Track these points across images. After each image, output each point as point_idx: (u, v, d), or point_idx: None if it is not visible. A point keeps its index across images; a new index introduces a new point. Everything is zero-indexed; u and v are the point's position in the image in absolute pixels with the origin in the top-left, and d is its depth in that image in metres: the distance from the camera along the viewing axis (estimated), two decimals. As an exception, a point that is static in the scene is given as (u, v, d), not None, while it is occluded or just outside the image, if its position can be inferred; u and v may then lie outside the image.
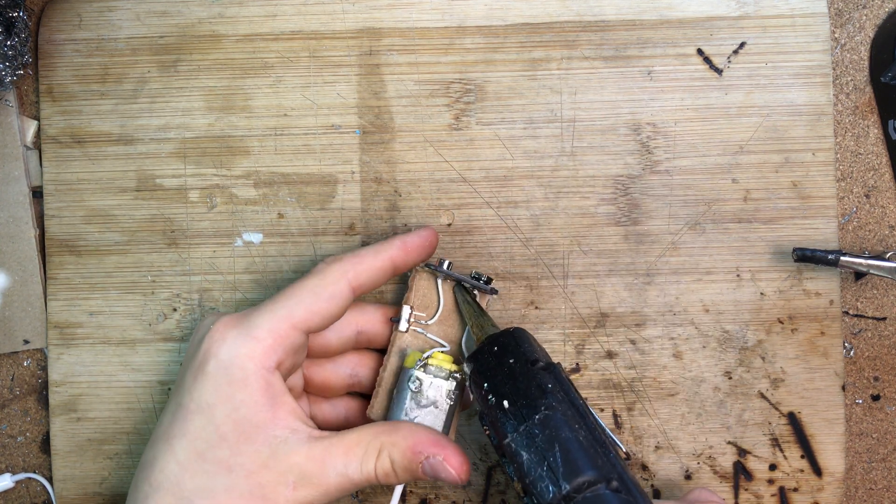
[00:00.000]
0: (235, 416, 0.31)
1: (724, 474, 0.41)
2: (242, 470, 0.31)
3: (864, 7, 0.41)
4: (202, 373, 0.32)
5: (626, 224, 0.41)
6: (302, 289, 0.34)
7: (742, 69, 0.40)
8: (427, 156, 0.41)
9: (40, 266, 0.41)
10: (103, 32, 0.41)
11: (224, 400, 0.31)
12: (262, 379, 0.31)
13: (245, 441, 0.31)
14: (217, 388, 0.31)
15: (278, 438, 0.31)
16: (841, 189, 0.41)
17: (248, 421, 0.31)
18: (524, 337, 0.34)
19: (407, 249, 0.36)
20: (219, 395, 0.31)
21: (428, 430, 0.33)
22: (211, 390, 0.31)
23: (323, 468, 0.31)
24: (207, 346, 0.32)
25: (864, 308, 0.41)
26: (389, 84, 0.41)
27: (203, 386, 0.31)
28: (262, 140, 0.41)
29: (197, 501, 0.31)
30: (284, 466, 0.31)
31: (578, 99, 0.41)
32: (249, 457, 0.31)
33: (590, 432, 0.30)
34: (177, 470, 0.31)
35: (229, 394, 0.31)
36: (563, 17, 0.40)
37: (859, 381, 0.42)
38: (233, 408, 0.31)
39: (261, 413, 0.31)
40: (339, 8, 0.41)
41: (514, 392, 0.31)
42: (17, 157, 0.41)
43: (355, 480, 0.32)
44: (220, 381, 0.31)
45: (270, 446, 0.31)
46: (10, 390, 0.42)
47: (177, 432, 0.31)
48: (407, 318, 0.38)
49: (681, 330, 0.41)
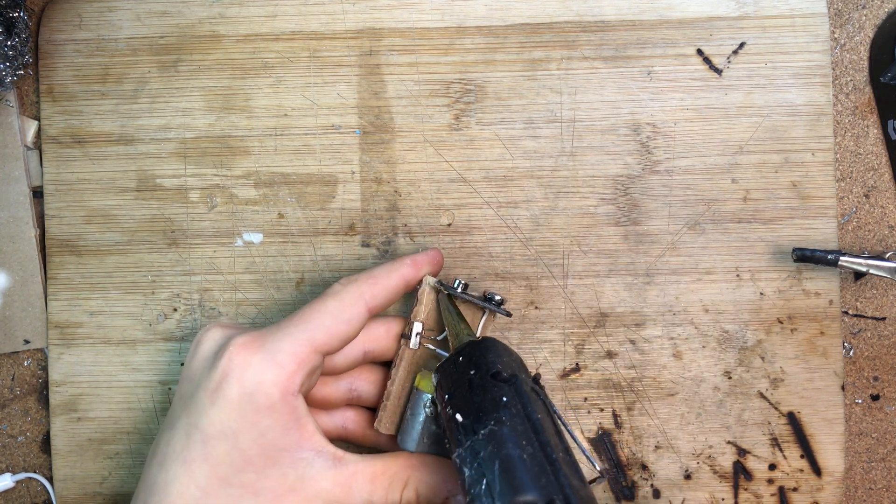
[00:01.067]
0: (262, 441, 0.31)
1: (723, 474, 0.41)
2: (269, 493, 0.31)
3: (863, 7, 0.41)
4: (223, 398, 0.31)
5: (626, 224, 0.41)
6: (321, 311, 0.33)
7: (742, 69, 0.40)
8: (427, 156, 0.41)
9: (40, 266, 0.41)
10: (103, 32, 0.41)
11: (249, 426, 0.31)
12: (288, 404, 0.31)
13: (272, 465, 0.31)
14: (242, 415, 0.31)
15: (304, 461, 0.32)
16: (841, 189, 0.41)
17: (274, 445, 0.31)
18: (492, 347, 0.33)
19: (418, 267, 0.37)
20: (244, 422, 0.31)
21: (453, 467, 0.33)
22: (235, 416, 0.31)
23: (349, 494, 0.32)
24: (227, 369, 0.31)
25: (864, 308, 0.41)
26: (389, 84, 0.41)
27: (226, 412, 0.31)
28: (262, 140, 0.41)
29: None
30: (312, 491, 0.31)
31: (578, 99, 0.41)
32: (276, 480, 0.31)
33: (541, 448, 0.28)
34: (198, 495, 0.31)
35: (255, 420, 0.31)
36: (563, 17, 0.40)
37: (859, 380, 0.42)
38: (259, 433, 0.31)
39: (286, 437, 0.31)
40: (339, 8, 0.41)
41: (468, 404, 0.30)
42: (18, 157, 0.41)
43: None
44: (246, 408, 0.31)
45: (297, 469, 0.31)
46: (10, 390, 0.42)
47: (196, 457, 0.31)
48: (418, 333, 0.37)
49: (680, 330, 0.41)
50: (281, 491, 0.31)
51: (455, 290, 0.37)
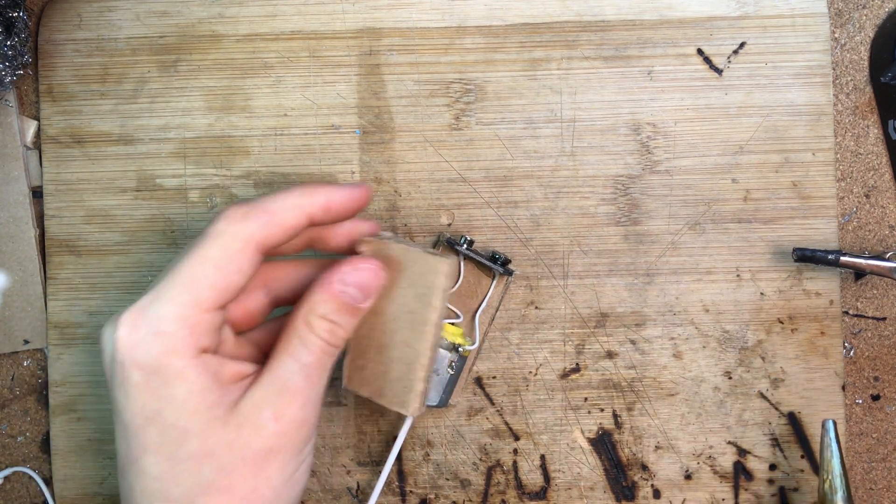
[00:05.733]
0: (187, 407, 0.29)
1: (724, 474, 0.41)
2: (222, 445, 0.29)
3: (864, 7, 0.41)
4: (131, 386, 0.29)
5: (626, 224, 0.41)
6: (203, 262, 0.29)
7: (742, 69, 0.40)
8: (427, 156, 0.41)
9: (40, 266, 0.41)
10: (103, 32, 0.41)
11: (168, 400, 0.29)
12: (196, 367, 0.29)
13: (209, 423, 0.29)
14: (156, 394, 0.29)
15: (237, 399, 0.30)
16: (841, 189, 0.41)
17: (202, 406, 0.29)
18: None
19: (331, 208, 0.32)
20: (161, 399, 0.29)
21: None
22: (150, 398, 0.29)
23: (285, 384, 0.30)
24: (120, 358, 0.29)
25: (864, 308, 0.41)
26: (389, 84, 0.41)
27: (139, 399, 0.29)
28: (262, 140, 0.41)
29: (199, 500, 0.29)
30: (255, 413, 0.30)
31: (578, 99, 0.41)
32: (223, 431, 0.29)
33: None
34: (158, 485, 0.29)
35: (170, 393, 0.29)
36: (563, 17, 0.40)
37: (859, 381, 0.42)
38: (180, 403, 0.29)
39: (211, 394, 0.29)
40: (339, 8, 0.41)
41: None
42: (17, 157, 0.41)
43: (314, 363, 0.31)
44: (155, 386, 0.29)
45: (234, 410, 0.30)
46: (10, 390, 0.42)
47: (138, 452, 0.30)
48: None
49: (681, 330, 0.41)
50: (231, 437, 0.29)
51: (461, 246, 0.38)
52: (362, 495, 0.41)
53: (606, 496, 0.41)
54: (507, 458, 0.41)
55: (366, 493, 0.41)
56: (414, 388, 0.34)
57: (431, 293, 0.33)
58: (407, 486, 0.41)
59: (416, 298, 0.33)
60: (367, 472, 0.41)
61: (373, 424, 0.41)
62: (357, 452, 0.41)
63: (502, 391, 0.41)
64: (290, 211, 0.31)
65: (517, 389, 0.41)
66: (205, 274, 0.29)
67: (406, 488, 0.41)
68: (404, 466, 0.41)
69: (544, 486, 0.41)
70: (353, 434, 0.41)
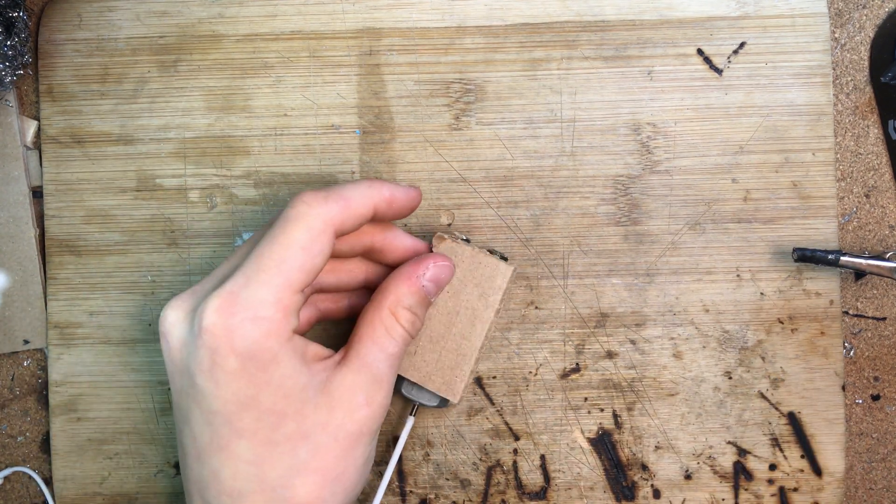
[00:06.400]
0: (283, 391, 0.30)
1: (724, 474, 0.41)
2: (317, 427, 0.30)
3: (864, 7, 0.41)
4: (224, 373, 0.29)
5: (626, 224, 0.41)
6: (291, 244, 0.30)
7: (742, 69, 0.40)
8: (427, 156, 0.41)
9: (40, 266, 0.41)
10: (103, 32, 0.41)
11: (264, 385, 0.29)
12: (290, 349, 0.30)
13: (303, 405, 0.30)
14: (252, 379, 0.29)
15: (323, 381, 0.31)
16: (841, 189, 0.41)
17: (296, 389, 0.30)
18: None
19: (393, 203, 0.34)
20: (257, 384, 0.29)
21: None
22: (245, 384, 0.29)
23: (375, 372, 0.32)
24: (212, 345, 0.29)
25: (864, 308, 0.41)
26: (389, 84, 0.41)
27: (233, 384, 0.29)
28: (262, 140, 0.41)
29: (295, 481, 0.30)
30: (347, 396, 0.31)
31: (578, 99, 0.41)
32: (315, 413, 0.30)
33: None
34: (253, 469, 0.30)
35: (266, 378, 0.29)
36: (563, 17, 0.40)
37: (859, 381, 0.42)
38: (277, 387, 0.30)
39: (302, 375, 0.30)
40: (339, 8, 0.41)
41: None
42: (17, 157, 0.41)
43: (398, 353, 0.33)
44: (252, 371, 0.29)
45: (324, 392, 0.31)
46: (10, 390, 0.42)
47: (229, 438, 0.30)
48: None
49: (681, 330, 0.41)
50: (325, 418, 0.31)
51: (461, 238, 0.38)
52: (362, 495, 0.41)
53: (606, 496, 0.41)
54: (507, 458, 0.41)
55: (365, 493, 0.41)
56: (463, 377, 0.37)
57: (493, 293, 0.37)
58: (407, 486, 0.41)
59: (478, 297, 0.37)
60: (367, 472, 0.41)
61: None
62: (357, 452, 0.41)
63: (502, 391, 0.41)
64: (362, 198, 0.32)
65: (517, 389, 0.41)
66: (294, 256, 0.30)
67: (406, 488, 0.41)
68: (404, 466, 0.41)
69: (544, 486, 0.41)
70: (353, 434, 0.41)
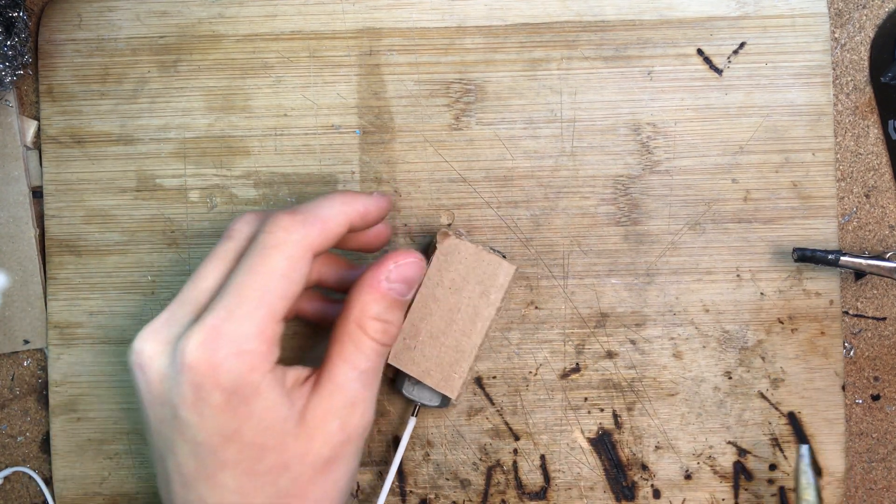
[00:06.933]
0: (265, 424, 0.30)
1: (724, 474, 0.41)
2: (296, 458, 0.30)
3: (864, 7, 0.41)
4: (208, 407, 0.29)
5: (626, 224, 0.41)
6: (271, 274, 0.30)
7: (742, 69, 0.40)
8: (427, 156, 0.41)
9: (40, 266, 0.41)
10: (103, 32, 0.41)
11: (247, 418, 0.29)
12: (272, 381, 0.30)
13: (283, 437, 0.30)
14: (236, 413, 0.29)
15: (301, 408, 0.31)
16: (841, 189, 0.41)
17: (278, 420, 0.30)
18: None
19: (366, 216, 0.33)
20: (240, 417, 0.29)
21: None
22: (229, 417, 0.29)
23: (347, 394, 0.31)
24: (196, 381, 0.29)
25: (864, 308, 0.41)
26: (389, 84, 0.41)
27: (218, 418, 0.29)
28: (262, 140, 0.41)
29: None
30: (322, 425, 0.31)
31: (578, 99, 0.41)
32: (295, 444, 0.30)
33: None
34: (237, 498, 0.30)
35: (249, 411, 0.29)
36: (563, 17, 0.40)
37: (859, 381, 0.42)
38: (258, 420, 0.30)
39: (282, 407, 0.30)
40: (339, 8, 0.41)
41: None
42: (17, 157, 0.41)
43: (371, 368, 0.32)
44: (236, 405, 0.29)
45: (302, 422, 0.31)
46: (10, 390, 0.42)
47: (214, 469, 0.30)
48: None
49: (681, 330, 0.41)
50: (305, 448, 0.30)
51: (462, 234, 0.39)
52: (362, 495, 0.41)
53: (606, 496, 0.41)
54: (507, 458, 0.41)
55: (366, 493, 0.41)
56: (462, 374, 0.37)
57: (495, 291, 0.37)
58: (407, 486, 0.41)
59: (480, 294, 0.37)
60: (367, 472, 0.41)
61: (373, 424, 0.41)
62: (357, 452, 0.41)
63: (502, 391, 0.41)
64: (338, 217, 0.32)
65: (517, 389, 0.41)
66: (276, 286, 0.30)
67: (406, 488, 0.41)
68: (404, 466, 0.41)
69: (544, 486, 0.41)
70: (353, 434, 0.41)
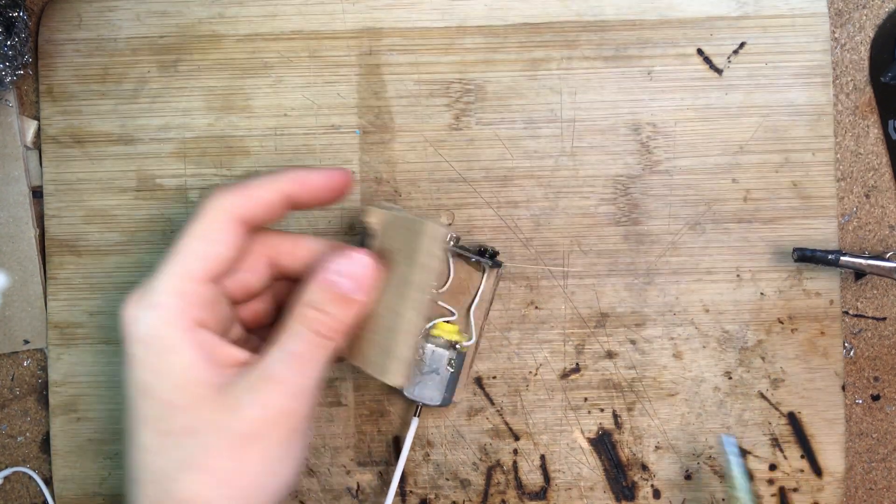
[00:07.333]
0: (178, 382, 0.30)
1: (724, 474, 0.41)
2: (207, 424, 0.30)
3: (864, 7, 0.41)
4: (130, 358, 0.30)
5: (626, 224, 0.41)
6: (188, 237, 0.31)
7: (742, 69, 0.40)
8: (427, 156, 0.41)
9: (40, 266, 0.41)
10: (103, 32, 0.41)
11: (160, 373, 0.30)
12: (191, 341, 0.30)
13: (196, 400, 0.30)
14: (149, 366, 0.30)
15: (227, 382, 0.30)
16: (841, 189, 0.41)
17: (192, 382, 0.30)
18: None
19: (305, 187, 0.33)
20: (153, 371, 0.30)
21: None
22: (146, 371, 0.30)
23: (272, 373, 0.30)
24: (125, 333, 0.30)
25: (864, 308, 0.41)
26: (389, 84, 0.41)
27: (136, 370, 0.30)
28: (262, 140, 0.41)
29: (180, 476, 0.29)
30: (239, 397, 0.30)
31: (578, 99, 0.41)
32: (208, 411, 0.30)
33: None
34: (147, 457, 0.30)
35: (161, 367, 0.30)
36: (563, 17, 0.40)
37: (859, 381, 0.42)
38: (170, 376, 0.30)
39: (200, 370, 0.30)
40: (339, 8, 0.41)
41: None
42: (17, 157, 0.41)
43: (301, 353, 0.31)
44: (150, 358, 0.30)
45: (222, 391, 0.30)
46: (10, 390, 0.42)
47: (134, 425, 0.30)
48: None
49: (681, 330, 0.41)
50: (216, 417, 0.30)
51: (448, 243, 0.38)
52: (362, 495, 0.41)
53: (606, 496, 0.41)
54: (507, 458, 0.41)
55: (366, 494, 0.41)
56: (394, 354, 0.32)
57: (415, 254, 0.32)
58: (407, 486, 0.41)
59: (405, 263, 0.32)
60: (367, 473, 0.41)
61: (373, 424, 0.41)
62: (357, 452, 0.41)
63: (502, 391, 0.41)
64: (267, 184, 0.32)
65: (517, 389, 0.41)
66: (191, 246, 0.31)
67: (406, 488, 0.41)
68: (404, 466, 0.41)
69: (544, 486, 0.41)
70: (353, 434, 0.41)
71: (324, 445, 0.41)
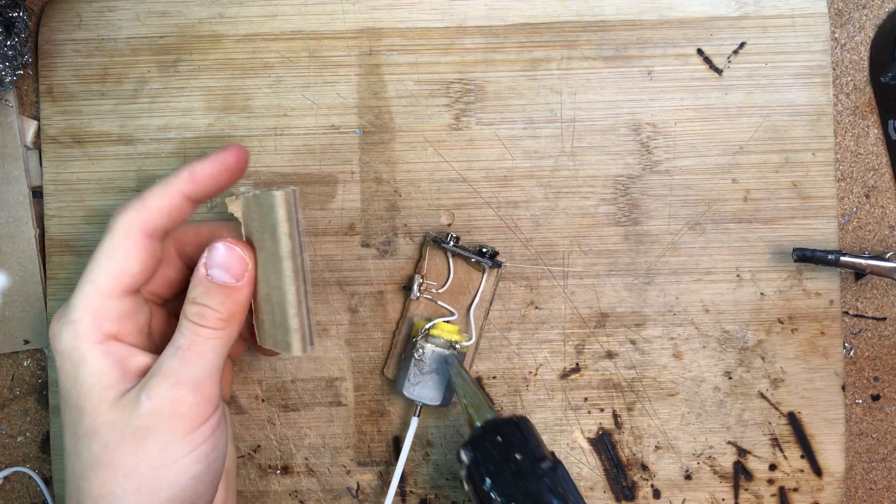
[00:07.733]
0: (86, 388, 0.32)
1: (724, 474, 0.41)
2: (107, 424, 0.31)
3: (864, 7, 0.41)
4: (57, 372, 0.33)
5: (626, 224, 0.41)
6: (98, 255, 0.33)
7: (742, 69, 0.40)
8: (427, 156, 0.41)
9: (40, 266, 0.41)
10: (103, 32, 0.41)
11: (74, 382, 0.32)
12: (98, 351, 0.32)
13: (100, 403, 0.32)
14: (67, 377, 0.32)
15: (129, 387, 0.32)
16: (841, 189, 0.41)
17: (98, 387, 0.32)
18: (530, 429, 0.33)
19: (197, 181, 0.33)
20: (70, 381, 0.32)
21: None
22: (66, 381, 0.32)
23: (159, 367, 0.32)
24: (51, 345, 0.33)
25: (864, 308, 0.41)
26: (389, 84, 0.41)
27: (60, 380, 0.32)
28: (262, 140, 0.41)
29: (90, 473, 0.31)
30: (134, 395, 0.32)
31: (578, 99, 0.41)
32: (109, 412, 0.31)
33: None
34: (67, 460, 0.33)
35: (75, 375, 0.32)
36: (563, 17, 0.40)
37: (859, 381, 0.42)
38: (80, 384, 0.32)
39: (108, 377, 0.32)
40: (339, 8, 0.41)
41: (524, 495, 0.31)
42: (17, 157, 0.41)
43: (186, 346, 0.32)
44: (67, 371, 0.32)
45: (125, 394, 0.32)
46: (10, 390, 0.42)
47: (63, 430, 0.33)
48: (417, 287, 0.39)
49: (681, 330, 0.41)
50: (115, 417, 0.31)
51: (447, 243, 0.38)
52: (362, 495, 0.41)
53: (606, 496, 0.41)
54: (507, 458, 0.41)
55: (366, 493, 0.41)
56: (290, 328, 0.33)
57: (277, 227, 0.32)
58: (407, 486, 0.41)
59: (271, 240, 0.33)
60: (367, 473, 0.41)
61: (373, 424, 0.41)
62: (357, 452, 0.41)
63: (502, 391, 0.41)
64: (159, 193, 0.33)
65: (517, 389, 0.41)
66: (99, 264, 0.32)
67: (406, 488, 0.41)
68: (404, 466, 0.41)
69: (544, 486, 0.41)
70: (353, 434, 0.41)
71: (324, 445, 0.41)
